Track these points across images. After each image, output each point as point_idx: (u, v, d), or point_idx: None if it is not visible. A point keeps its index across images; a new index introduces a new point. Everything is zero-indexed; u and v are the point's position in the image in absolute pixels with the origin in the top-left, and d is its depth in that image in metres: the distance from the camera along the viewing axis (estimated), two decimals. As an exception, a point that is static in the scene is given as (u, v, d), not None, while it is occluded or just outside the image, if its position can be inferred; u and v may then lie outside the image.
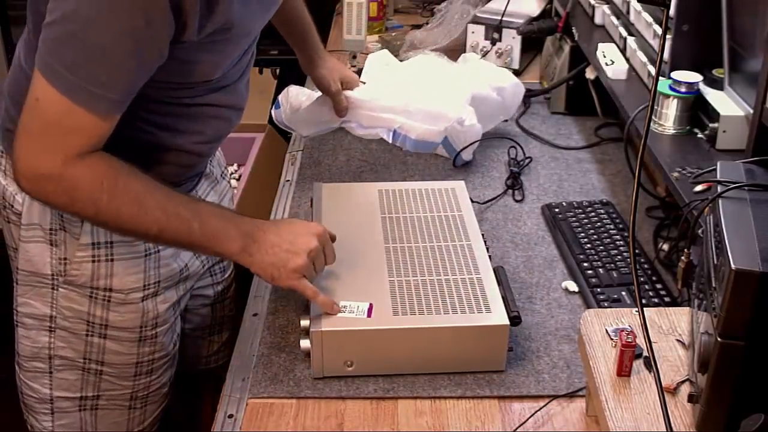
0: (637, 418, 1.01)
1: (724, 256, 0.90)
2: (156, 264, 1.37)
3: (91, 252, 1.31)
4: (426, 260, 1.39)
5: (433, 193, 1.59)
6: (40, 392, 1.42)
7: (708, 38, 1.53)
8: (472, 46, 2.40)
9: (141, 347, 1.40)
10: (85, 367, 1.39)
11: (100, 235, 1.31)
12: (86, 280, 1.33)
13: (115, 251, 1.32)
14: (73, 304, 1.35)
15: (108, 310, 1.35)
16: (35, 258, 1.33)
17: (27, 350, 1.40)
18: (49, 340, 1.38)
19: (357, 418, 1.21)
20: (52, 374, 1.40)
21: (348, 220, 1.51)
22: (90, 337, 1.37)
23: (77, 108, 1.10)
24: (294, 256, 1.25)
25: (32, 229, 1.32)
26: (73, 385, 1.41)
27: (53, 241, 1.32)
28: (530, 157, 1.92)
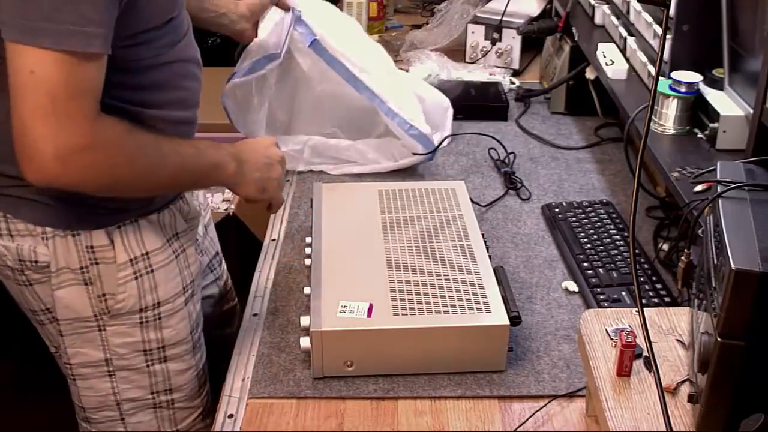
0: (637, 418, 1.01)
1: (724, 256, 0.90)
2: (186, 263, 1.35)
3: (131, 269, 1.27)
4: (426, 260, 1.39)
5: (433, 193, 1.59)
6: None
7: (708, 38, 1.53)
8: (472, 46, 2.41)
9: (195, 355, 1.39)
10: (155, 402, 1.37)
11: (134, 250, 1.27)
12: (134, 302, 1.28)
13: (152, 261, 1.29)
14: (125, 338, 1.30)
15: (160, 329, 1.32)
16: (74, 303, 1.27)
17: (92, 401, 1.36)
18: (112, 385, 1.34)
19: (357, 418, 1.21)
20: (125, 420, 1.37)
21: (348, 220, 1.51)
22: (151, 367, 1.34)
23: (75, 57, 1.03)
24: (272, 168, 1.34)
25: (62, 273, 1.25)
26: (150, 426, 1.37)
27: (87, 280, 1.26)
28: (513, 152, 1.92)
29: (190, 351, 1.37)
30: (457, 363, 1.28)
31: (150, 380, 1.35)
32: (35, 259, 1.25)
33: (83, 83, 1.06)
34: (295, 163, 1.88)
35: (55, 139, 1.05)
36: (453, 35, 2.42)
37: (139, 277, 1.28)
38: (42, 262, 1.25)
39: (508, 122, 2.12)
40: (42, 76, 1.03)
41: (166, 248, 1.31)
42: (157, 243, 1.29)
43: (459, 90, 2.21)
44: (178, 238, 1.33)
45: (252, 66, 1.75)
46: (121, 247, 1.26)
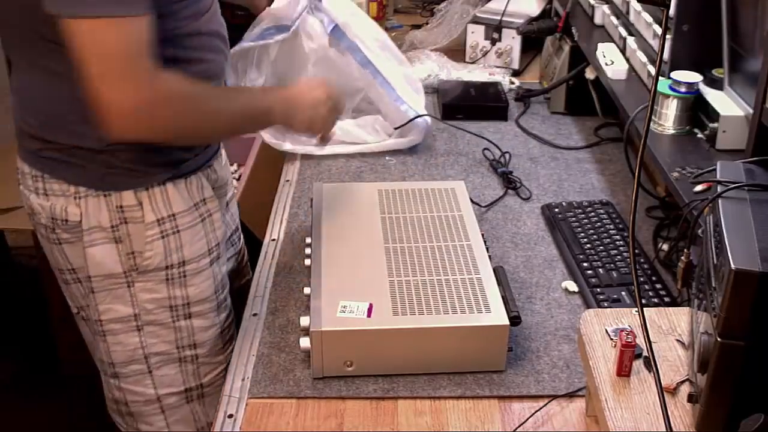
0: (637, 418, 1.01)
1: (724, 256, 0.90)
2: (212, 227, 1.42)
3: (158, 229, 1.34)
4: (426, 260, 1.39)
5: (433, 193, 1.59)
6: (146, 394, 1.44)
7: (708, 38, 1.53)
8: (472, 46, 2.41)
9: (220, 314, 1.45)
10: (180, 357, 1.43)
11: (161, 210, 1.34)
12: (160, 260, 1.35)
13: (178, 222, 1.36)
14: (153, 294, 1.37)
15: (185, 286, 1.39)
16: (105, 260, 1.34)
17: (121, 356, 1.41)
18: (140, 339, 1.40)
19: (357, 418, 1.21)
20: (152, 373, 1.43)
21: (348, 220, 1.51)
22: (177, 323, 1.40)
23: (126, 20, 1.13)
24: (318, 107, 1.44)
25: (93, 232, 1.32)
26: (176, 380, 1.44)
27: (117, 238, 1.33)
28: (508, 152, 1.92)
29: (215, 309, 1.44)
30: (457, 363, 1.28)
31: (175, 335, 1.41)
32: (66, 218, 1.33)
33: (137, 44, 1.15)
34: (281, 140, 1.94)
35: (124, 99, 1.16)
36: (453, 35, 2.42)
37: (165, 236, 1.35)
38: (72, 222, 1.33)
39: (507, 122, 2.12)
40: (99, 47, 1.13)
41: (192, 211, 1.38)
42: (183, 206, 1.36)
43: (459, 90, 2.21)
44: (204, 203, 1.40)
45: (261, 33, 1.85)
46: (149, 208, 1.33)
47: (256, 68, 1.91)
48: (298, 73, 1.94)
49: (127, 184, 1.31)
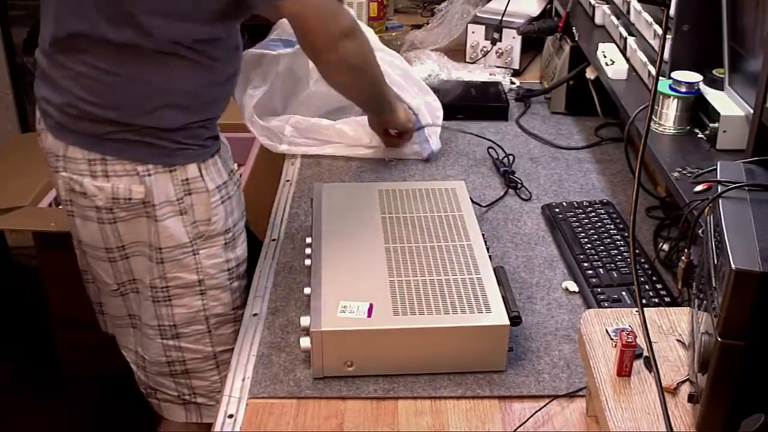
0: (637, 418, 1.01)
1: (724, 256, 0.90)
2: (240, 194, 1.57)
3: (219, 195, 1.48)
4: (426, 260, 1.39)
5: (433, 193, 1.59)
6: (204, 351, 1.56)
7: (708, 38, 1.53)
8: (472, 46, 2.41)
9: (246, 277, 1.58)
10: (235, 317, 1.55)
11: (216, 179, 1.47)
12: (222, 224, 1.49)
13: (229, 189, 1.51)
14: (214, 259, 1.50)
15: (235, 248, 1.54)
16: (175, 232, 1.45)
17: (184, 317, 1.53)
18: (203, 302, 1.52)
19: (357, 418, 1.21)
20: (211, 333, 1.55)
21: (348, 220, 1.51)
22: (232, 283, 1.54)
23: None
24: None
25: (163, 206, 1.43)
26: (230, 339, 1.53)
27: (182, 210, 1.45)
28: (512, 155, 1.92)
29: (245, 271, 1.58)
30: (457, 363, 1.28)
31: (231, 296, 1.55)
32: (129, 196, 1.42)
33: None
34: (277, 142, 1.95)
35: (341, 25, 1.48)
36: (453, 35, 2.42)
37: (224, 201, 1.49)
38: (135, 200, 1.42)
39: (508, 122, 2.12)
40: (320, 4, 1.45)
41: (231, 179, 1.53)
42: (225, 176, 1.50)
43: (459, 90, 2.21)
44: (233, 173, 1.55)
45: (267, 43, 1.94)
46: (209, 177, 1.46)
47: (263, 77, 1.95)
48: (302, 87, 1.98)
49: (191, 157, 1.44)
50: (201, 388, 1.60)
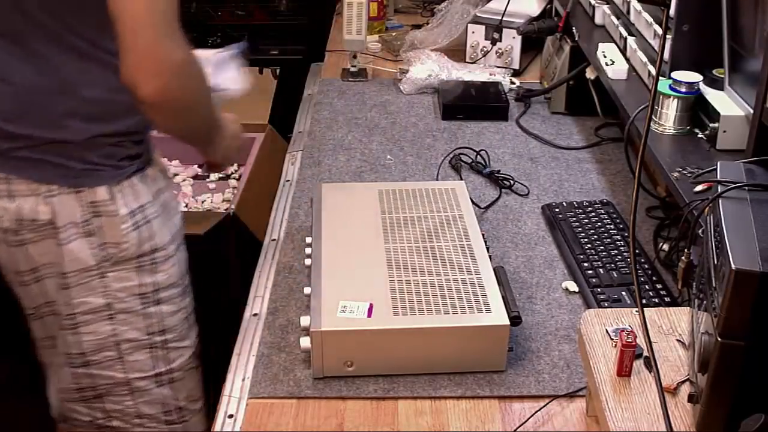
0: (637, 418, 1.01)
1: (724, 256, 0.90)
2: (170, 215, 1.46)
3: (131, 221, 1.37)
4: (426, 260, 1.39)
5: (433, 193, 1.59)
6: (116, 378, 1.46)
7: (708, 38, 1.53)
8: (472, 46, 2.41)
9: (184, 299, 1.49)
10: (151, 343, 1.45)
11: (131, 203, 1.37)
12: (135, 250, 1.38)
13: (147, 212, 1.39)
14: (124, 282, 1.40)
15: (155, 272, 1.42)
16: (80, 254, 1.36)
17: (92, 344, 1.43)
18: (112, 327, 1.42)
19: (357, 418, 1.21)
20: (123, 359, 1.45)
21: (348, 220, 1.51)
22: (146, 309, 1.43)
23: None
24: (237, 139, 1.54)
25: (67, 229, 1.34)
26: (145, 365, 1.46)
27: (88, 232, 1.35)
28: (483, 150, 1.92)
29: (181, 294, 1.48)
30: (457, 363, 1.28)
31: (145, 321, 1.44)
32: (35, 217, 1.33)
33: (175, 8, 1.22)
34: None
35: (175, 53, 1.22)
36: (453, 35, 2.42)
37: (138, 227, 1.38)
38: (41, 221, 1.33)
39: (508, 122, 2.12)
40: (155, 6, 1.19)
41: (155, 202, 1.41)
42: (148, 197, 1.39)
43: (459, 90, 2.21)
44: (162, 192, 1.44)
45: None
46: (121, 202, 1.36)
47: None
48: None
49: (101, 179, 1.34)
50: (116, 412, 1.49)
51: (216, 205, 2.37)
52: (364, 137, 2.03)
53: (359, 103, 2.22)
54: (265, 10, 3.53)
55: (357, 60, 2.36)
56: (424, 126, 2.10)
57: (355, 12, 2.28)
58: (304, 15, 3.48)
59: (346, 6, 2.29)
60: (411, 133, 2.06)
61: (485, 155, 1.91)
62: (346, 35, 2.31)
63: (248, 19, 3.49)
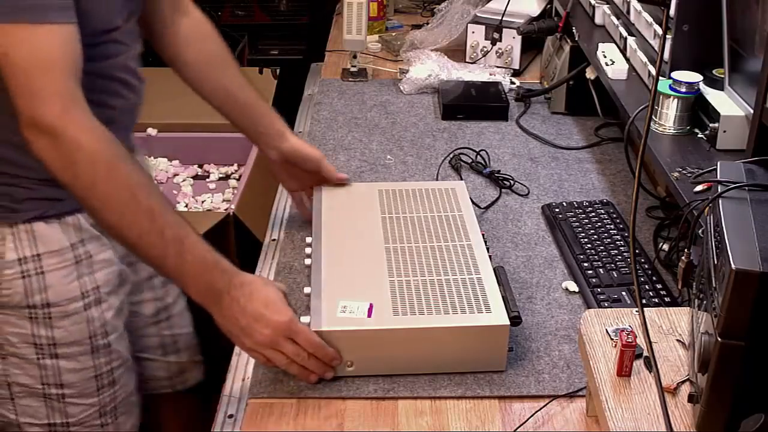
0: (637, 418, 1.01)
1: (724, 256, 0.90)
2: (90, 269, 1.32)
3: (18, 269, 1.26)
4: (426, 260, 1.39)
5: (433, 193, 1.59)
6: (8, 417, 1.37)
7: (708, 38, 1.53)
8: (472, 46, 2.41)
9: (96, 359, 1.36)
10: (45, 393, 1.34)
11: (25, 249, 1.26)
12: (21, 299, 1.27)
13: (44, 263, 1.27)
14: (17, 328, 1.29)
15: (51, 327, 1.30)
16: None
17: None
18: (3, 366, 1.32)
19: (357, 418, 1.21)
20: (14, 401, 1.35)
21: (348, 220, 1.51)
22: (42, 360, 1.32)
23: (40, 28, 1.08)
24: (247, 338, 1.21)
25: None
26: (38, 412, 1.36)
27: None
28: (483, 150, 1.91)
29: (89, 353, 1.35)
30: (457, 363, 1.28)
31: (40, 372, 1.33)
32: None
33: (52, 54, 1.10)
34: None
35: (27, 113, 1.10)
36: (453, 35, 2.42)
37: (26, 276, 1.27)
38: None
39: (508, 122, 2.12)
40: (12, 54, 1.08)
41: (64, 252, 1.29)
42: (53, 246, 1.28)
43: (459, 90, 2.21)
44: (83, 244, 1.31)
45: None
46: (11, 246, 1.25)
47: None
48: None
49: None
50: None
51: (216, 205, 2.37)
52: (364, 137, 2.03)
53: (359, 103, 2.22)
54: (265, 10, 3.54)
55: (357, 60, 2.36)
56: (424, 126, 2.10)
57: (355, 12, 2.28)
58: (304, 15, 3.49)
59: (346, 6, 2.29)
60: (411, 133, 2.06)
61: (485, 155, 1.91)
62: (346, 35, 2.31)
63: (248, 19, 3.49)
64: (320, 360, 1.22)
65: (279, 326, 1.19)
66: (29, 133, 1.11)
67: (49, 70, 1.10)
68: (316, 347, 1.21)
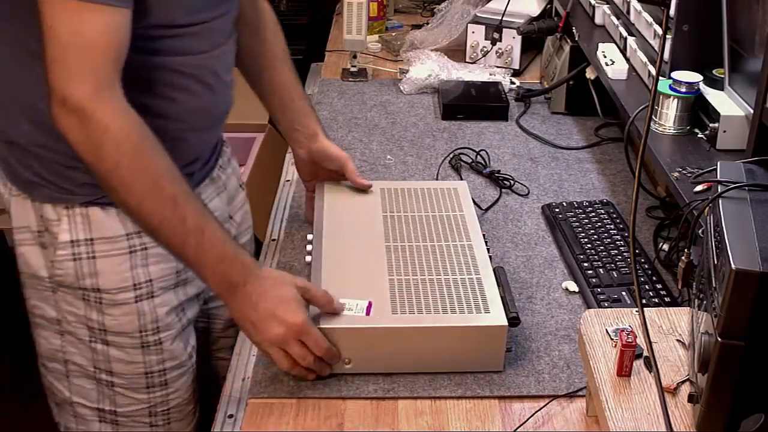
0: (637, 418, 1.01)
1: (724, 256, 0.90)
2: (144, 261, 1.30)
3: (70, 250, 1.26)
4: (426, 259, 1.39)
5: (435, 193, 1.59)
6: (63, 394, 1.38)
7: (708, 38, 1.53)
8: (472, 46, 2.41)
9: (147, 355, 1.34)
10: (96, 377, 1.35)
11: (79, 232, 1.26)
12: (72, 281, 1.28)
13: (96, 248, 1.27)
14: (72, 307, 1.30)
15: (102, 313, 1.30)
16: (31, 261, 1.30)
17: (46, 351, 1.37)
18: (62, 343, 1.34)
19: (357, 418, 1.21)
20: (69, 379, 1.36)
21: (349, 218, 1.51)
22: (94, 344, 1.32)
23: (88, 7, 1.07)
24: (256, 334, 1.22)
25: (22, 232, 1.29)
26: (90, 395, 1.37)
27: (42, 243, 1.28)
28: (483, 150, 1.92)
29: (138, 347, 1.33)
30: (454, 363, 1.28)
31: (93, 355, 1.33)
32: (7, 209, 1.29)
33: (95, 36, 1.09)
34: None
35: (58, 89, 1.09)
36: (453, 35, 2.42)
37: (77, 259, 1.27)
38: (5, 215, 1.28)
39: (508, 122, 2.12)
40: (57, 28, 1.08)
41: (119, 240, 1.27)
42: (108, 232, 1.27)
43: (459, 90, 2.21)
44: (140, 235, 1.28)
45: None
46: (65, 227, 1.25)
47: None
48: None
49: (48, 196, 1.25)
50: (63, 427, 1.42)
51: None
52: (364, 137, 2.03)
53: (359, 103, 2.22)
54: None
55: (357, 60, 2.36)
56: (424, 126, 2.10)
57: (355, 12, 2.28)
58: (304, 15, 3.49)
59: (346, 6, 2.29)
60: (411, 133, 2.06)
61: (485, 155, 1.91)
62: (346, 35, 2.31)
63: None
64: (323, 361, 1.23)
65: (291, 327, 1.20)
66: (58, 110, 1.11)
67: (88, 51, 1.09)
68: (324, 351, 1.22)
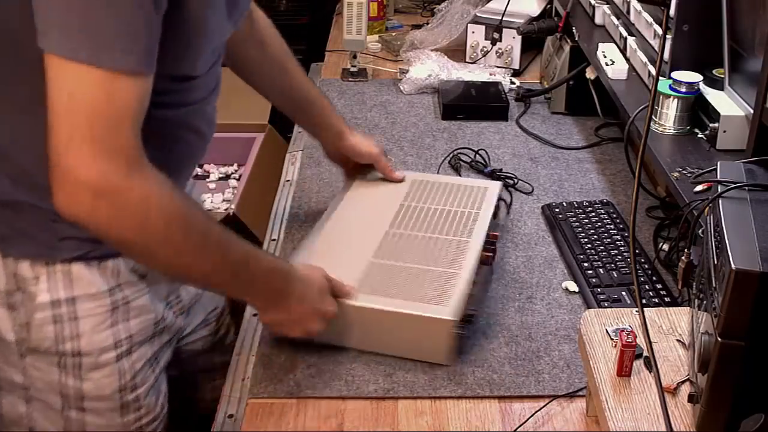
0: (637, 418, 1.01)
1: (724, 256, 0.90)
2: (126, 316, 1.22)
3: (51, 312, 1.16)
4: (417, 249, 1.41)
5: (463, 190, 1.60)
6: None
7: (708, 38, 1.53)
8: (472, 46, 2.41)
9: (125, 416, 1.25)
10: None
11: (60, 291, 1.15)
12: (51, 344, 1.17)
13: (78, 308, 1.17)
14: (43, 374, 1.20)
15: (81, 379, 1.20)
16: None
17: (8, 416, 1.25)
18: (28, 411, 1.24)
19: (357, 418, 1.21)
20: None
21: (367, 202, 1.56)
22: (67, 412, 1.22)
23: (119, 76, 0.95)
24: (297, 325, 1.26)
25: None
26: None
27: (11, 305, 1.16)
28: (482, 149, 1.92)
29: (117, 410, 1.24)
30: (401, 349, 1.30)
31: (65, 424, 1.24)
32: None
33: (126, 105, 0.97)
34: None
35: (90, 169, 0.96)
36: (453, 35, 2.42)
37: (59, 322, 1.17)
38: None
39: (508, 122, 2.12)
40: (81, 96, 0.95)
41: (101, 297, 1.18)
42: (90, 289, 1.17)
43: (459, 90, 2.21)
44: (120, 289, 1.20)
45: None
46: (44, 286, 1.15)
47: None
48: None
49: (24, 252, 1.14)
50: None
51: (216, 205, 2.37)
52: (364, 137, 2.03)
53: (359, 103, 2.22)
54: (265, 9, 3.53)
55: (357, 60, 2.36)
56: (424, 126, 2.10)
57: (355, 12, 2.28)
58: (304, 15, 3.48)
59: (346, 6, 2.29)
60: (411, 133, 2.06)
61: (484, 155, 1.91)
62: (345, 35, 2.31)
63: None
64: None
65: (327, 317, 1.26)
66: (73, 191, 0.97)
67: (121, 124, 0.97)
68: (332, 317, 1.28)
